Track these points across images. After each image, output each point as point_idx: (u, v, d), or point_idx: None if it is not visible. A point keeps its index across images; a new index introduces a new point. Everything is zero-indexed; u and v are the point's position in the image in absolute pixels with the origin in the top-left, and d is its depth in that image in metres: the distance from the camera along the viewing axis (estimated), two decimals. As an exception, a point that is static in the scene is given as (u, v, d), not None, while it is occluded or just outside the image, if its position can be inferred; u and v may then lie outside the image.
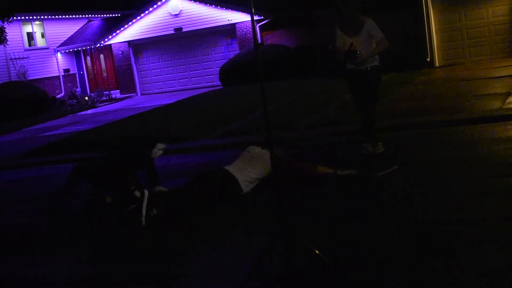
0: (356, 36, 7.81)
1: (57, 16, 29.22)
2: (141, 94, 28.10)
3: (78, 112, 23.96)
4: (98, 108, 24.72)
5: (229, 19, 25.10)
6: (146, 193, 6.47)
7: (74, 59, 30.11)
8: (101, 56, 29.82)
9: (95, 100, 26.62)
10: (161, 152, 7.15)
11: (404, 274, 4.16)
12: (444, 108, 10.53)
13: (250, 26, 24.04)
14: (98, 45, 28.34)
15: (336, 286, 4.14)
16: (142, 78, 28.25)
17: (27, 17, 27.33)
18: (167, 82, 27.71)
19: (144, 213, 6.32)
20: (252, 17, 4.41)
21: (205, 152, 10.59)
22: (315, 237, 4.92)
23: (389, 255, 4.51)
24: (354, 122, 10.64)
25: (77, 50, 29.70)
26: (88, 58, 30.25)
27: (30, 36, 28.19)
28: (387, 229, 5.10)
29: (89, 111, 23.80)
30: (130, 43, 27.75)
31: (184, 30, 26.18)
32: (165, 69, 27.72)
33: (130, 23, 27.19)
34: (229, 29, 25.63)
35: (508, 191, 5.68)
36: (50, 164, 11.91)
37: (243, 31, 25.16)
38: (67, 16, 30.01)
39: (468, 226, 4.92)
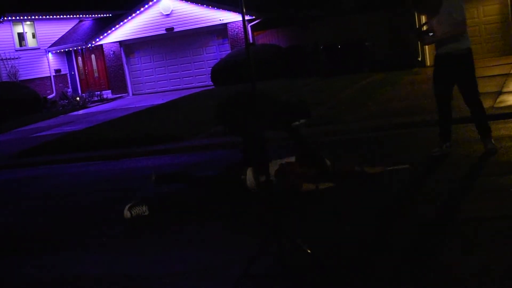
0: (436, 15, 6.88)
1: (48, 16, 29.10)
2: (133, 95, 28.05)
3: (70, 112, 23.89)
4: (90, 108, 24.66)
5: (221, 19, 25.08)
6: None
7: (66, 59, 30.00)
8: (93, 56, 29.73)
9: (87, 100, 26.56)
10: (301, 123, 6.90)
11: (398, 273, 4.17)
12: (434, 107, 10.52)
13: (242, 26, 24.05)
14: (90, 45, 28.26)
15: (329, 285, 4.15)
16: (133, 78, 28.20)
17: (18, 17, 27.21)
18: (158, 82, 27.67)
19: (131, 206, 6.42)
20: (243, 17, 4.41)
21: (198, 151, 10.59)
22: (308, 237, 4.94)
23: (383, 254, 4.53)
24: (348, 122, 10.71)
25: (68, 50, 29.60)
26: (80, 58, 30.14)
27: (21, 36, 28.07)
28: (382, 228, 5.11)
29: (81, 112, 23.73)
30: (121, 43, 27.69)
31: (175, 30, 26.15)
32: (156, 69, 27.68)
33: (121, 23, 27.14)
34: (221, 29, 25.62)
35: (500, 190, 5.70)
36: (42, 165, 11.88)
37: (234, 31, 25.16)
38: (58, 16, 29.90)
39: (462, 224, 4.94)
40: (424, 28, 7.23)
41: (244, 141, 7.22)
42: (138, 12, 26.59)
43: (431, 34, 7.01)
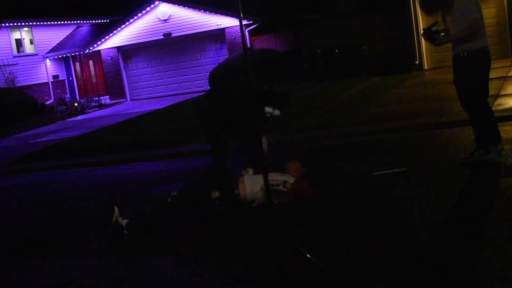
0: (449, 13, 6.61)
1: (45, 23, 29.14)
2: (131, 100, 28.05)
3: (68, 118, 23.88)
4: (88, 114, 24.65)
5: (218, 23, 25.11)
6: (116, 210, 6.07)
7: (63, 65, 30.03)
8: (90, 62, 29.75)
9: (85, 106, 26.55)
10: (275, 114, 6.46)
11: (397, 278, 4.16)
12: (433, 110, 10.56)
13: (239, 31, 24.04)
14: (87, 51, 28.28)
15: (327, 288, 4.14)
16: (131, 83, 28.20)
17: (15, 24, 27.24)
18: (156, 87, 27.69)
19: (114, 224, 6.04)
20: (240, 22, 4.41)
21: (196, 157, 10.58)
22: (307, 241, 4.93)
23: (381, 259, 4.52)
24: (345, 125, 10.71)
25: (66, 56, 29.62)
26: (77, 64, 30.17)
27: (19, 42, 28.10)
28: (379, 233, 5.10)
29: (79, 117, 23.72)
30: (119, 48, 27.70)
31: (173, 35, 26.17)
32: (154, 74, 27.69)
33: (119, 29, 27.15)
34: (218, 34, 25.64)
35: (499, 192, 5.71)
36: (40, 171, 11.87)
37: (232, 35, 25.18)
38: (55, 22, 29.94)
39: (459, 227, 4.94)
40: (441, 27, 6.90)
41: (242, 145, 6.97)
42: (135, 17, 26.62)
43: (443, 34, 6.77)
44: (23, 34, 28.26)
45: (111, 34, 27.39)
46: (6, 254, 6.38)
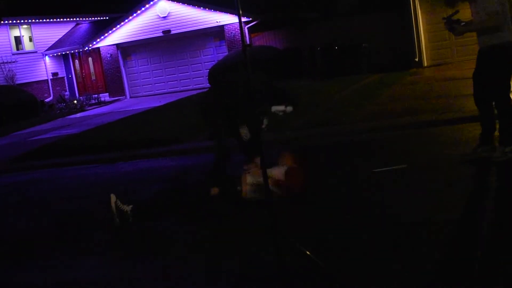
0: (474, 4, 6.56)
1: (45, 20, 29.09)
2: (130, 97, 28.04)
3: (67, 115, 23.88)
4: (87, 111, 24.65)
5: (218, 21, 25.09)
6: (113, 197, 6.19)
7: (63, 62, 29.98)
8: (90, 59, 29.72)
9: (84, 103, 26.55)
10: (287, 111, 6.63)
11: (397, 277, 4.16)
12: (432, 108, 10.56)
13: (239, 28, 24.01)
14: (87, 48, 28.25)
15: (327, 287, 4.13)
16: (131, 81, 28.18)
17: (14, 21, 27.20)
18: (156, 84, 27.67)
19: (115, 211, 6.16)
20: (239, 19, 4.40)
21: (196, 154, 10.58)
22: (306, 239, 4.93)
23: (381, 258, 4.52)
24: (345, 123, 10.70)
25: (65, 53, 29.58)
26: (77, 61, 30.13)
27: (18, 40, 28.06)
28: (379, 231, 5.10)
29: (78, 115, 23.72)
30: (118, 46, 27.68)
31: (172, 32, 26.14)
32: (154, 71, 27.67)
33: (118, 26, 27.13)
34: (218, 31, 25.62)
35: (500, 190, 5.70)
36: (39, 168, 11.86)
37: (231, 32, 25.16)
38: (55, 20, 29.88)
39: (460, 225, 4.93)
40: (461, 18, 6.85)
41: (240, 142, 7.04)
42: (135, 14, 26.60)
43: (463, 23, 6.70)
44: (22, 32, 28.22)
45: (110, 32, 27.37)
46: (6, 253, 6.38)
